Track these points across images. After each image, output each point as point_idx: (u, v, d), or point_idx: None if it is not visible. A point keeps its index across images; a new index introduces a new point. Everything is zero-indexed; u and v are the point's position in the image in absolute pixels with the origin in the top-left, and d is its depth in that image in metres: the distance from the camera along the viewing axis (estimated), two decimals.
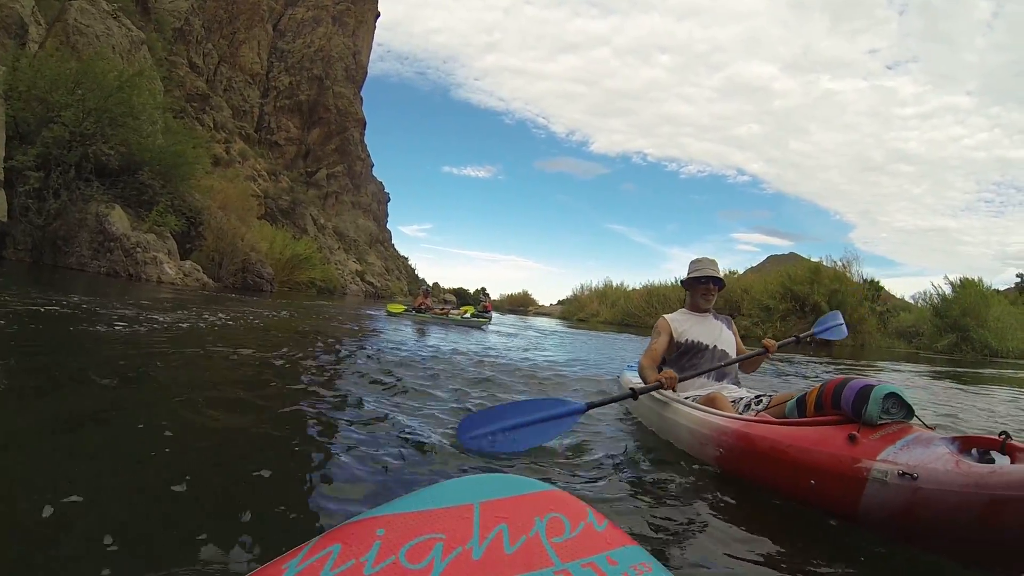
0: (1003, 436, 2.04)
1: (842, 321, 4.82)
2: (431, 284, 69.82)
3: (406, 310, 18.56)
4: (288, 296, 25.31)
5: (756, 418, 2.95)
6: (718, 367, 3.95)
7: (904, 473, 2.05)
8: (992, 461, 2.00)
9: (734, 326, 4.36)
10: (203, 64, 62.42)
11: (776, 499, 2.54)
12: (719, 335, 4.17)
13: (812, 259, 33.87)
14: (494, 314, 24.87)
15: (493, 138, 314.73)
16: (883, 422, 2.34)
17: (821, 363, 13.17)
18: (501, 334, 15.31)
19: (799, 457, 2.48)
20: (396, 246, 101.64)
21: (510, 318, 34.59)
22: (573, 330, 22.43)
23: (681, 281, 4.44)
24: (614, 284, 53.81)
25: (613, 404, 3.95)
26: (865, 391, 2.39)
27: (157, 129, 26.48)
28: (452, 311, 19.15)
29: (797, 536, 2.24)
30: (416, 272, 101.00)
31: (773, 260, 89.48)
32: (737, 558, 1.99)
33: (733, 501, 2.54)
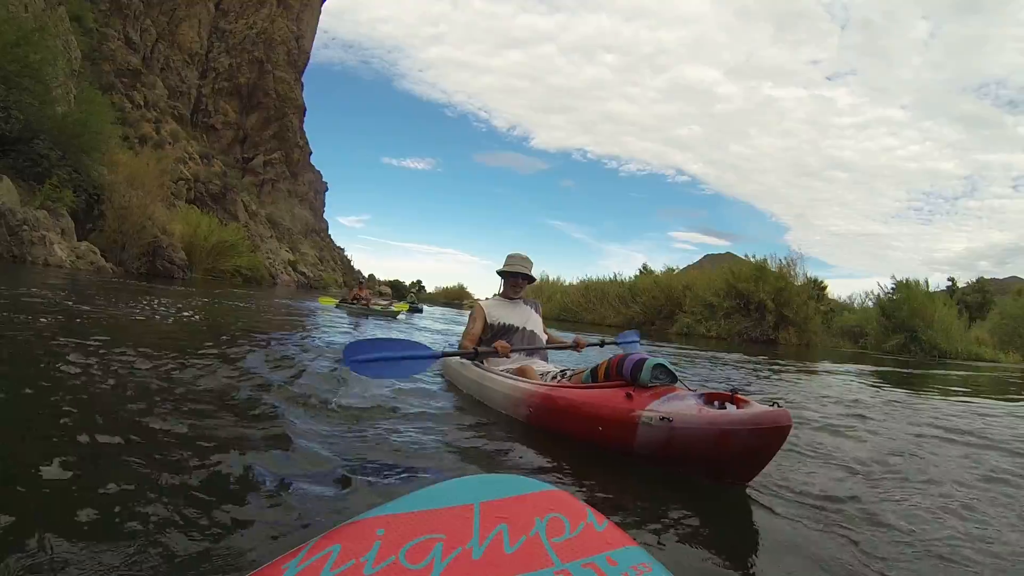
0: (732, 391, 2.93)
1: (638, 339, 6.01)
2: (367, 276, 68.48)
3: (341, 302, 18.54)
4: (208, 285, 23.32)
5: (557, 384, 3.75)
6: (536, 348, 4.84)
7: (663, 417, 2.82)
8: (725, 409, 2.80)
9: (540, 309, 5.32)
10: (140, 40, 60.62)
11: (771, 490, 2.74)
12: (528, 318, 5.03)
13: (755, 258, 33.15)
14: (425, 307, 28.45)
15: (434, 130, 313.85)
16: (652, 385, 3.07)
17: (762, 361, 12.81)
18: (434, 330, 14.64)
19: (590, 411, 3.22)
20: (332, 236, 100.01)
21: (441, 311, 33.72)
22: None
23: (497, 271, 5.23)
24: (551, 279, 52.09)
25: (443, 375, 5.28)
26: (640, 362, 3.13)
27: (69, 96, 24.03)
28: (375, 304, 18.87)
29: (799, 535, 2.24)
30: (352, 263, 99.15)
31: (710, 259, 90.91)
32: (738, 556, 2.01)
33: (728, 498, 2.65)
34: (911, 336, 28.64)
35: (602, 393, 3.23)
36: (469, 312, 5.26)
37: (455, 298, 79.05)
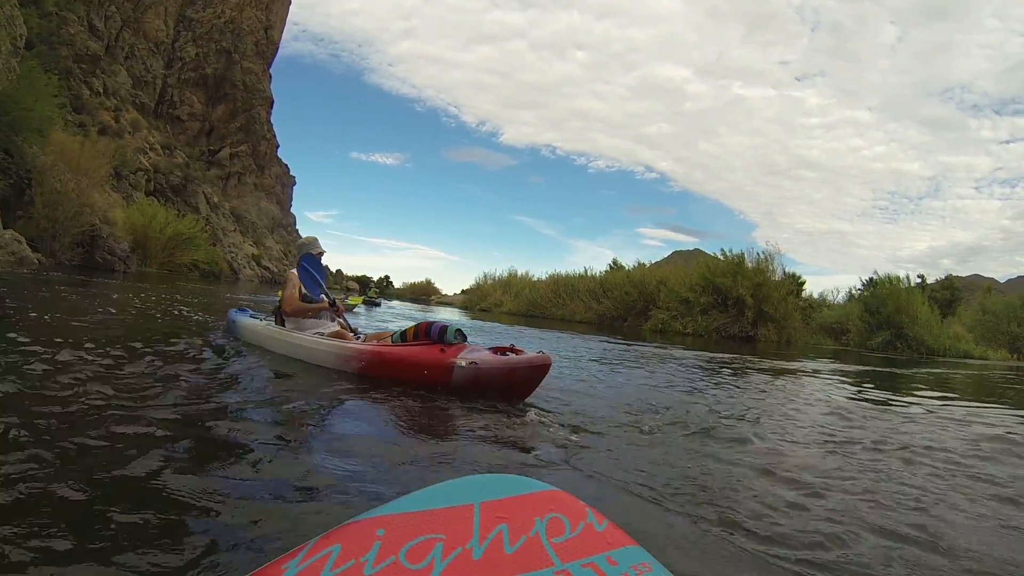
0: (511, 345, 4.75)
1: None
2: (335, 271, 66.97)
3: None
4: (160, 280, 21.37)
5: (381, 344, 5.04)
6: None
7: (471, 362, 4.38)
8: (508, 356, 4.51)
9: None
10: (104, 27, 58.95)
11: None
12: (324, 290, 6.14)
13: (732, 252, 31.60)
14: (395, 302, 30.00)
15: (403, 125, 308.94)
16: (454, 342, 4.60)
17: (741, 359, 12.34)
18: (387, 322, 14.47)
19: (417, 361, 4.60)
20: (300, 231, 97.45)
21: (402, 305, 32.62)
22: (476, 321, 21.49)
23: (300, 256, 6.29)
24: (519, 273, 50.60)
25: (246, 342, 6.46)
26: (444, 327, 4.68)
27: (12, 75, 22.21)
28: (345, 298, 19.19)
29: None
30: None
31: (678, 255, 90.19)
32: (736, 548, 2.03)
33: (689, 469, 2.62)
34: (897, 333, 27.18)
35: (422, 349, 4.66)
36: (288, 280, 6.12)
37: (422, 293, 77.83)
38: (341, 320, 6.03)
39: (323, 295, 5.96)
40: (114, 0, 59.50)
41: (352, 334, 5.73)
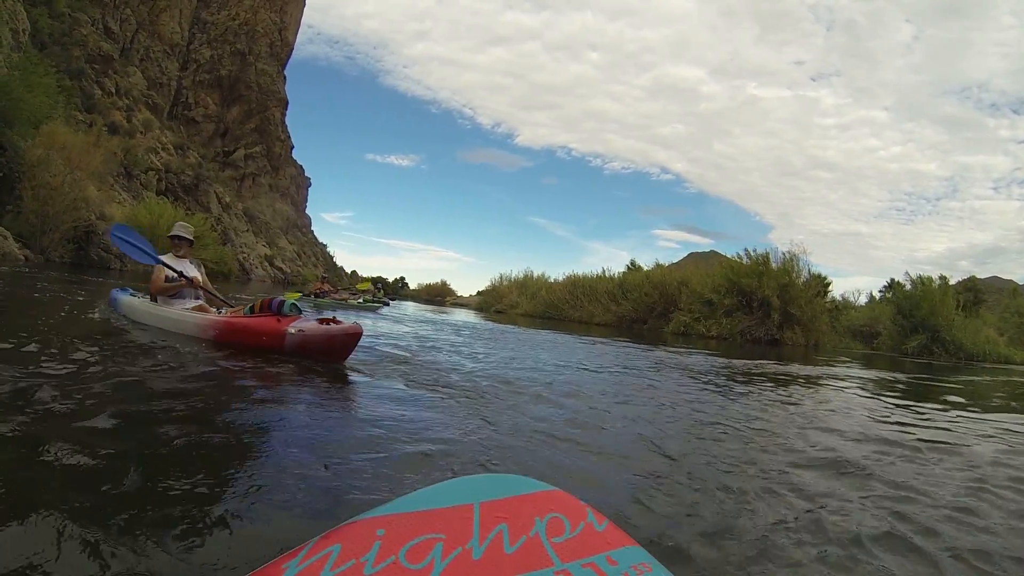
0: (332, 316, 5.46)
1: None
2: (350, 272, 66.33)
3: (302, 296, 18.26)
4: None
5: (232, 316, 5.74)
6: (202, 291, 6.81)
7: (299, 330, 5.16)
8: (330, 325, 5.24)
9: (202, 268, 7.00)
10: (119, 30, 58.89)
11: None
12: (191, 273, 6.63)
13: (756, 252, 29.98)
14: (408, 303, 28.53)
15: (418, 127, 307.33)
16: (290, 314, 5.34)
17: (765, 364, 11.94)
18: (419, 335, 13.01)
19: (258, 330, 5.33)
20: (316, 232, 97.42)
21: (418, 309, 31.65)
22: (491, 323, 20.65)
23: (168, 236, 6.95)
24: (535, 275, 49.39)
25: (127, 317, 6.83)
26: (282, 302, 5.44)
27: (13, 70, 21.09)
28: (351, 297, 20.16)
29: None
30: (334, 259, 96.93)
31: (694, 257, 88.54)
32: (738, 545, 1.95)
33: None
34: (933, 336, 25.59)
35: (263, 320, 5.37)
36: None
37: (437, 295, 76.59)
38: (209, 293, 6.79)
39: (184, 276, 6.51)
40: (129, 3, 60.07)
41: (214, 309, 6.45)
